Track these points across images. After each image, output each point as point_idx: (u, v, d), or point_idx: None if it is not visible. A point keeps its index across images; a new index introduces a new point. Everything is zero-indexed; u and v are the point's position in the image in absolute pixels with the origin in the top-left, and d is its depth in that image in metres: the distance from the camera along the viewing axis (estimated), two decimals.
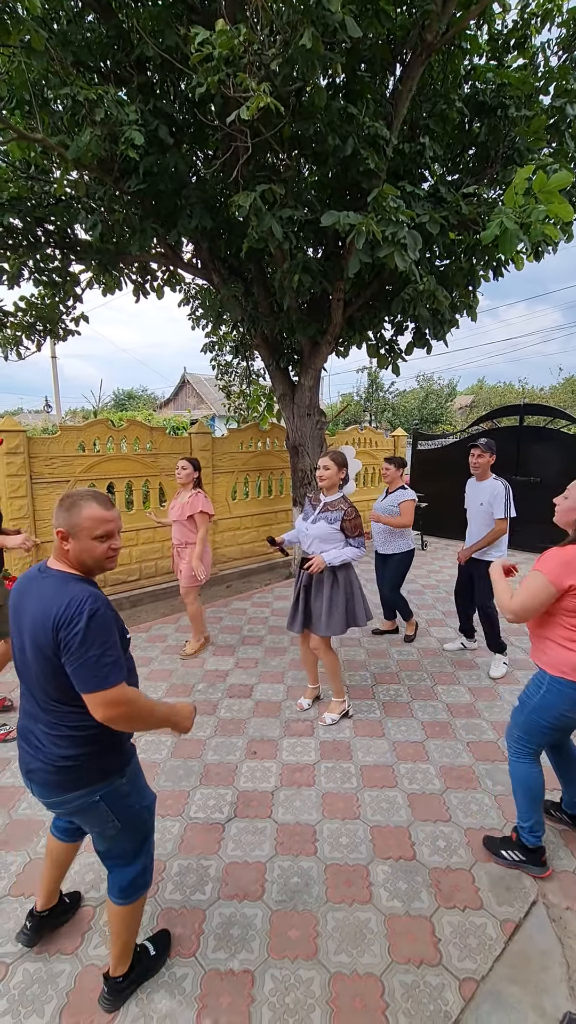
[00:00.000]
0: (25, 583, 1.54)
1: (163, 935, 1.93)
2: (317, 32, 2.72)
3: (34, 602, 1.46)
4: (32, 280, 5.44)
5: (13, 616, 1.54)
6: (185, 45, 3.48)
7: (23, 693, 1.56)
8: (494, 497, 3.94)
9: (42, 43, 2.82)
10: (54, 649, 1.39)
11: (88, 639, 1.36)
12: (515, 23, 4.62)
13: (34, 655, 1.44)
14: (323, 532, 3.17)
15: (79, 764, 1.50)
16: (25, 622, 1.47)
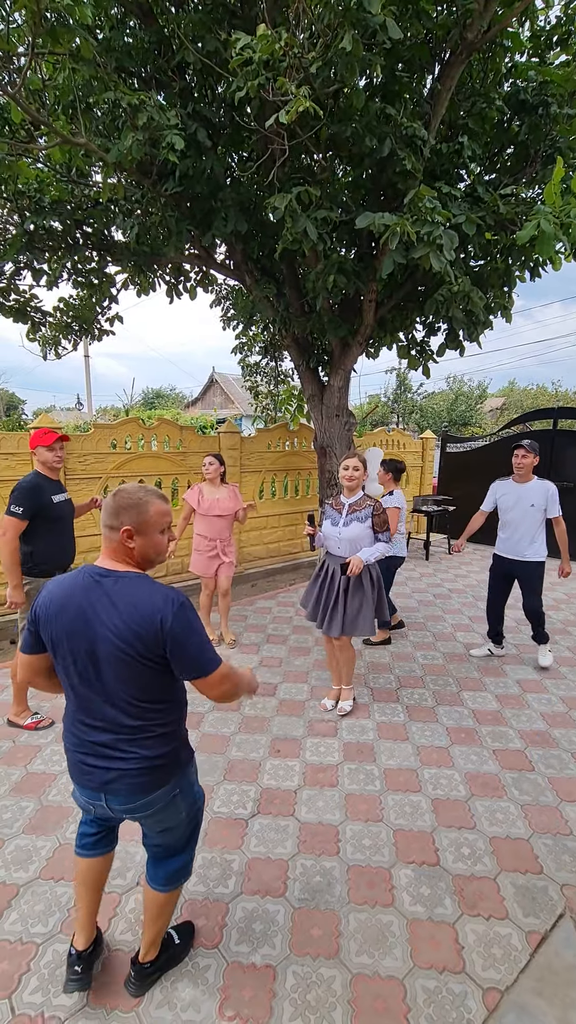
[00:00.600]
0: (81, 592, 1.44)
1: (187, 926, 1.96)
2: (357, 35, 2.72)
3: (113, 604, 1.41)
4: (71, 282, 5.58)
5: (72, 627, 1.42)
6: (225, 50, 3.52)
7: (86, 708, 1.48)
8: (550, 497, 4.01)
9: (91, 51, 2.90)
10: (153, 648, 1.40)
11: (191, 628, 1.43)
12: (558, 19, 4.52)
13: (116, 661, 1.40)
14: (358, 533, 3.20)
15: (167, 761, 1.54)
16: (101, 629, 1.40)
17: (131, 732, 1.47)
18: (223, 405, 30.65)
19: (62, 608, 1.44)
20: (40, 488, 3.12)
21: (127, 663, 1.41)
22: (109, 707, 1.46)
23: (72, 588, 1.46)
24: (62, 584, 1.48)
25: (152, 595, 1.43)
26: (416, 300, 5.26)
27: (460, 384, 31.50)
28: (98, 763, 1.50)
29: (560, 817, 2.60)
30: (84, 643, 1.42)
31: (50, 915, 2.03)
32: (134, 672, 1.43)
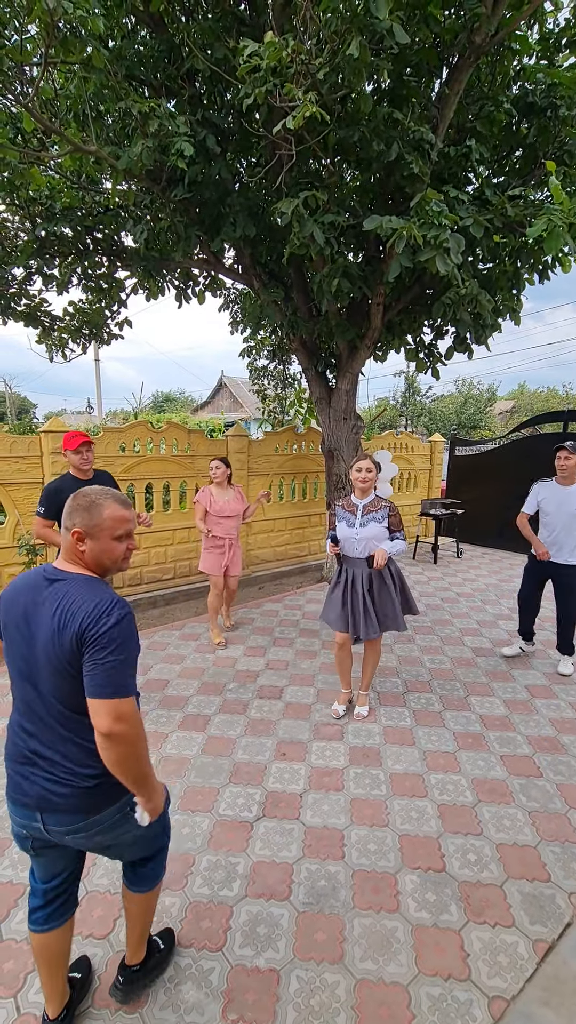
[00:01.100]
0: (29, 591, 1.40)
1: (168, 932, 1.93)
2: (364, 40, 2.74)
3: (51, 607, 1.35)
4: (81, 286, 5.65)
5: (16, 627, 1.39)
6: (234, 57, 3.56)
7: (24, 713, 1.41)
8: None
9: (103, 60, 2.94)
10: (78, 652, 1.30)
11: (113, 641, 1.29)
12: (568, 21, 4.50)
13: (54, 665, 1.33)
14: (376, 533, 3.23)
15: (106, 780, 1.39)
16: (39, 632, 1.35)
17: (69, 744, 1.38)
18: (231, 408, 30.75)
19: (11, 603, 1.41)
20: (60, 490, 3.26)
21: (60, 669, 1.33)
22: (45, 713, 1.38)
23: (24, 585, 1.43)
24: (19, 580, 1.46)
25: (88, 596, 1.34)
26: (424, 303, 5.26)
27: (470, 387, 31.35)
28: (35, 774, 1.39)
29: (568, 824, 2.57)
30: (24, 641, 1.38)
31: None
32: (62, 678, 1.33)
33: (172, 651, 4.52)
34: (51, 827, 1.41)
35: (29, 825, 1.43)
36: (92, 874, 2.23)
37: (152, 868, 1.69)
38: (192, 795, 2.72)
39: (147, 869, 1.67)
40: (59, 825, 1.40)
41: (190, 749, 3.12)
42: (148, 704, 3.62)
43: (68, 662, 1.32)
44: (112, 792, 1.42)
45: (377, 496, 3.35)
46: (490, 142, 4.53)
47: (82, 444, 3.40)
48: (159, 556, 6.01)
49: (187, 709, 3.57)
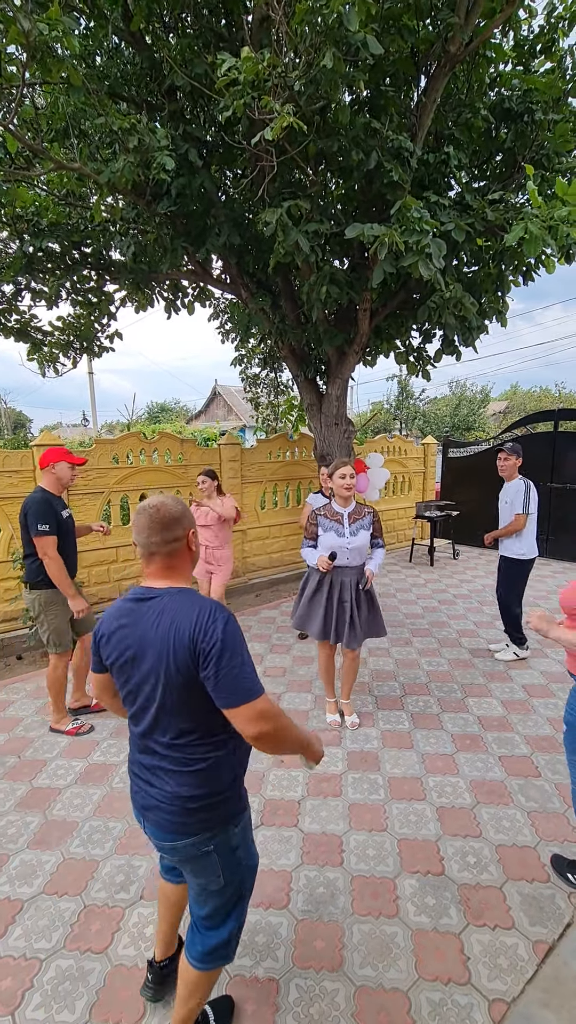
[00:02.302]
0: (130, 613, 1.40)
1: (226, 1001, 1.75)
2: (339, 52, 2.78)
3: (155, 626, 1.34)
4: (69, 300, 5.68)
5: (122, 651, 1.39)
6: (213, 72, 3.61)
7: (140, 732, 1.42)
8: (515, 493, 4.25)
9: (80, 79, 2.98)
10: (192, 667, 1.29)
11: (227, 647, 1.28)
12: (541, 28, 4.58)
13: (165, 683, 1.32)
14: (364, 541, 3.22)
15: (201, 806, 1.39)
16: (148, 652, 1.34)
17: (172, 763, 1.39)
18: (226, 417, 30.84)
19: (115, 630, 1.41)
20: (51, 503, 3.23)
21: (172, 687, 1.32)
22: (154, 730, 1.39)
23: (122, 610, 1.42)
24: (115, 607, 1.45)
25: (189, 608, 1.34)
26: (410, 307, 5.30)
27: (463, 389, 31.49)
28: (145, 787, 1.45)
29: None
30: (132, 664, 1.38)
31: (54, 930, 2.03)
32: (182, 696, 1.33)
33: None
34: (150, 835, 1.49)
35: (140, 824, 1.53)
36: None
37: (206, 940, 1.51)
38: None
39: (203, 937, 1.52)
40: (154, 837, 1.47)
41: None
42: None
43: (182, 680, 1.31)
44: (198, 821, 1.40)
45: (358, 503, 3.32)
46: (468, 148, 4.59)
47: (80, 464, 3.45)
48: None
49: None
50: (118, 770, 3.00)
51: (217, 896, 1.48)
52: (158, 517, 1.41)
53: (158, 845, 1.48)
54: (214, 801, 1.40)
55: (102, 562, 5.56)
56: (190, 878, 1.50)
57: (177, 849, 1.42)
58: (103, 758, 3.13)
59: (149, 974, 1.78)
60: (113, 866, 2.33)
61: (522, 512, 4.21)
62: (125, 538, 5.72)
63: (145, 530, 1.41)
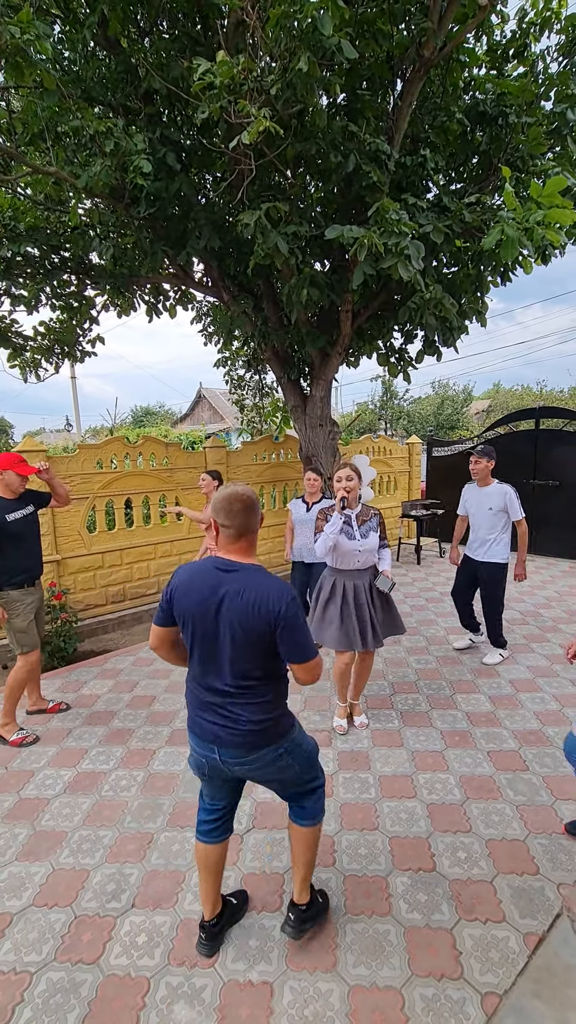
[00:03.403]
0: (209, 576, 1.68)
1: (323, 891, 2.15)
2: (314, 57, 2.81)
3: (238, 592, 1.64)
4: (49, 305, 5.63)
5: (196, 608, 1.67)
6: (189, 76, 3.62)
7: (206, 673, 1.72)
8: (508, 500, 4.14)
9: (54, 83, 2.97)
10: (271, 631, 1.62)
11: (298, 618, 1.65)
12: (514, 32, 4.66)
13: (242, 638, 1.64)
14: (375, 542, 3.19)
15: (269, 725, 1.75)
16: (223, 613, 1.65)
17: (242, 699, 1.71)
18: (211, 420, 30.75)
19: (190, 590, 1.69)
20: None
21: (248, 643, 1.64)
22: (224, 675, 1.70)
23: (201, 575, 1.70)
24: (192, 571, 1.73)
25: (271, 585, 1.66)
26: (392, 309, 5.35)
27: (446, 388, 31.80)
28: (216, 721, 1.74)
29: (555, 816, 2.60)
30: (209, 622, 1.67)
31: (44, 943, 2.01)
32: (256, 650, 1.65)
33: (159, 666, 4.48)
34: (225, 759, 1.77)
35: (208, 756, 1.79)
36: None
37: (312, 806, 1.93)
38: (181, 810, 2.69)
39: (308, 806, 1.93)
40: (231, 758, 1.76)
41: (178, 764, 3.09)
42: (135, 721, 3.59)
43: (258, 638, 1.64)
44: (269, 736, 1.76)
45: (364, 504, 3.29)
46: (445, 151, 4.65)
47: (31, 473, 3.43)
48: (142, 571, 5.97)
49: (175, 724, 3.54)
50: (107, 778, 2.98)
51: (299, 775, 1.88)
52: (251, 503, 1.72)
53: (238, 764, 1.77)
54: (275, 720, 1.77)
55: (87, 568, 5.51)
56: (274, 777, 1.85)
57: (258, 758, 1.76)
58: (92, 766, 3.10)
59: (203, 934, 1.96)
60: (104, 875, 2.31)
61: (523, 517, 4.12)
62: (111, 543, 5.67)
63: (241, 514, 1.70)
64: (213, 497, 1.76)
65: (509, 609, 5.66)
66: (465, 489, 4.45)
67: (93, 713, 3.72)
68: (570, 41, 4.55)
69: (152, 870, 2.33)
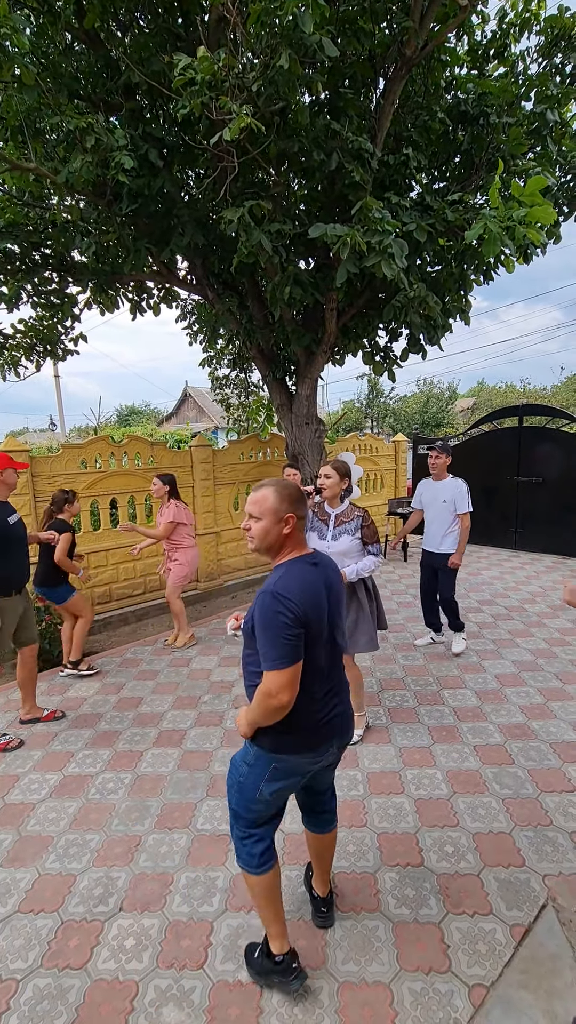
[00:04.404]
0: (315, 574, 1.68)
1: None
2: (295, 54, 2.80)
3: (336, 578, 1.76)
4: (30, 303, 5.55)
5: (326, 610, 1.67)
6: (170, 70, 3.58)
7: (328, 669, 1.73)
8: (458, 494, 4.29)
9: (32, 77, 2.92)
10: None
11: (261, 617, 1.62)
12: (494, 33, 4.70)
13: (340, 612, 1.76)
14: (347, 547, 3.02)
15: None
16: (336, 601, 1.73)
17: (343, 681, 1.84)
18: (198, 419, 30.60)
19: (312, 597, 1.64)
20: None
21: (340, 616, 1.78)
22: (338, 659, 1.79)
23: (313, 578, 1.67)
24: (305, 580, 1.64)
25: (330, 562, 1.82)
26: (376, 307, 5.37)
27: (431, 386, 32.01)
28: (337, 711, 1.77)
29: (540, 808, 2.64)
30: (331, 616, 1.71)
31: (30, 949, 1.98)
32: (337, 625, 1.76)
33: (145, 667, 4.45)
34: (340, 744, 1.81)
35: (325, 756, 1.76)
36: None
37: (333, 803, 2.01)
38: (169, 812, 2.68)
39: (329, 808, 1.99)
40: (345, 741, 1.83)
41: (166, 766, 3.07)
42: (122, 724, 3.56)
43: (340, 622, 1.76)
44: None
45: (351, 505, 3.14)
46: (427, 150, 4.67)
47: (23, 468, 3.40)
48: (128, 572, 5.92)
49: (162, 725, 3.52)
50: (94, 781, 2.95)
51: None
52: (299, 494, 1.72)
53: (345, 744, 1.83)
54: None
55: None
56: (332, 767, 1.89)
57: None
58: (78, 769, 3.07)
59: (322, 907, 2.04)
60: (91, 879, 2.29)
61: (469, 511, 4.30)
62: (96, 544, 5.62)
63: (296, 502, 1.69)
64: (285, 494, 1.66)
65: (494, 605, 5.73)
66: (421, 484, 4.62)
67: (79, 716, 3.68)
68: (549, 42, 4.60)
69: (140, 873, 2.31)
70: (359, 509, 3.12)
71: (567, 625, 5.07)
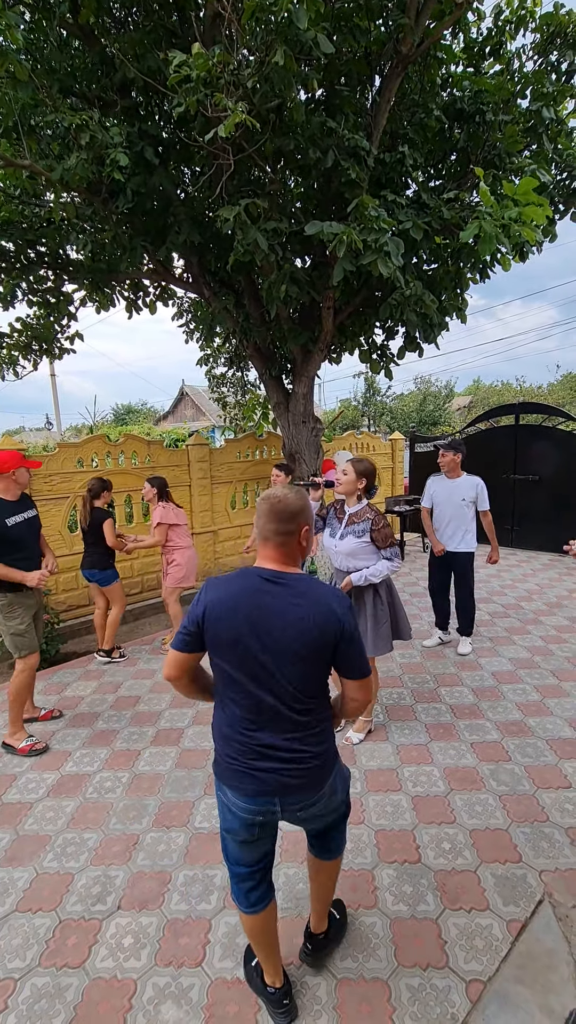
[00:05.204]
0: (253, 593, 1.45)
1: (339, 902, 2.05)
2: (290, 51, 2.79)
3: (292, 606, 1.44)
4: (26, 301, 5.53)
5: (241, 629, 1.43)
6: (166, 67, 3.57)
7: (249, 709, 1.47)
8: (479, 491, 4.26)
9: (26, 74, 2.90)
10: (329, 647, 1.45)
11: (356, 630, 1.51)
12: (490, 30, 4.70)
13: (296, 659, 1.43)
14: (352, 548, 2.94)
15: (329, 752, 1.59)
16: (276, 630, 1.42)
17: (303, 729, 1.50)
18: (194, 417, 30.56)
19: (234, 609, 1.45)
20: None
21: (303, 659, 1.44)
22: (280, 706, 1.46)
23: (242, 590, 1.47)
24: (231, 585, 1.49)
25: (328, 594, 1.50)
26: (373, 306, 5.37)
27: (428, 385, 32.05)
28: (272, 766, 1.48)
29: (536, 804, 2.65)
30: (258, 642, 1.43)
31: (27, 948, 1.98)
32: (314, 669, 1.47)
33: (143, 666, 4.45)
34: (288, 807, 1.53)
35: (266, 811, 1.52)
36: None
37: (338, 837, 1.80)
38: (167, 810, 2.68)
39: (335, 838, 1.79)
40: (296, 803, 1.54)
41: (163, 764, 3.07)
42: (119, 723, 3.55)
43: (318, 653, 1.45)
44: (329, 766, 1.59)
45: (367, 506, 3.04)
46: (423, 148, 4.67)
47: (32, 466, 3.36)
48: (125, 571, 5.91)
49: (159, 724, 3.52)
50: (91, 780, 2.95)
51: (341, 798, 1.73)
52: (277, 508, 1.52)
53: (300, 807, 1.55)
54: (332, 744, 1.61)
55: (69, 568, 5.43)
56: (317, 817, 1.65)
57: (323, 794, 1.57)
58: (76, 768, 3.06)
59: (284, 1000, 1.72)
60: (89, 878, 2.29)
61: (488, 508, 4.28)
62: None
63: (263, 517, 1.54)
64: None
65: (491, 603, 5.75)
66: (431, 481, 4.51)
67: (77, 715, 3.68)
68: (545, 40, 4.60)
69: (138, 871, 2.32)
70: (372, 511, 2.99)
71: (564, 622, 5.09)
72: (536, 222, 3.17)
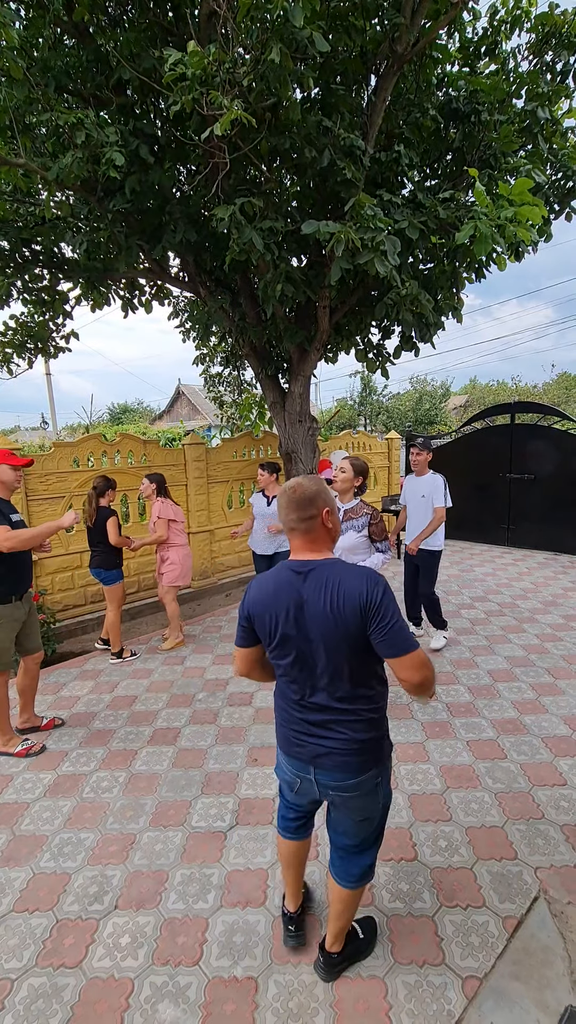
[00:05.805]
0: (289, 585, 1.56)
1: (370, 921, 2.01)
2: (286, 48, 2.79)
3: (323, 592, 1.50)
4: (21, 299, 5.50)
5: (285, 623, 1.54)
6: (161, 66, 3.56)
7: (301, 690, 1.60)
8: (435, 488, 4.35)
9: (21, 72, 2.89)
10: (361, 628, 1.47)
11: (392, 605, 1.49)
12: (485, 30, 4.70)
13: (334, 645, 1.50)
14: (352, 543, 3.06)
15: (372, 745, 1.61)
16: (312, 619, 1.51)
17: (343, 714, 1.57)
18: (191, 417, 30.50)
19: (269, 605, 1.57)
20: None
21: (341, 648, 1.50)
22: (322, 690, 1.57)
23: (277, 583, 1.58)
24: (267, 583, 1.61)
25: (355, 575, 1.52)
26: (369, 305, 5.37)
27: (424, 384, 32.08)
28: (316, 740, 1.61)
29: (532, 802, 2.66)
30: (300, 632, 1.54)
31: (24, 948, 1.98)
32: (350, 654, 1.51)
33: (139, 666, 4.45)
34: (322, 781, 1.64)
35: (302, 776, 1.67)
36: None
37: (359, 864, 1.75)
38: (164, 810, 2.68)
39: (357, 863, 1.75)
40: (330, 780, 1.62)
41: (160, 764, 3.07)
42: (116, 722, 3.55)
43: (352, 639, 1.49)
44: (368, 757, 1.61)
45: (361, 501, 3.18)
46: (419, 147, 4.67)
47: (26, 465, 3.32)
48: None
49: (156, 724, 3.52)
50: (88, 780, 2.94)
51: (369, 824, 1.72)
52: (295, 497, 1.58)
53: (337, 787, 1.62)
54: (379, 739, 1.64)
55: (65, 568, 5.43)
56: (355, 812, 1.67)
57: (357, 786, 1.61)
58: (72, 768, 3.06)
59: (291, 926, 1.93)
60: (86, 878, 2.29)
61: (444, 505, 4.34)
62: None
63: (284, 509, 1.60)
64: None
65: (487, 601, 5.77)
66: (404, 480, 4.70)
67: (73, 715, 3.67)
68: (540, 40, 4.60)
69: (135, 871, 2.32)
70: (368, 507, 3.15)
71: (559, 621, 5.12)
72: (532, 222, 3.18)
